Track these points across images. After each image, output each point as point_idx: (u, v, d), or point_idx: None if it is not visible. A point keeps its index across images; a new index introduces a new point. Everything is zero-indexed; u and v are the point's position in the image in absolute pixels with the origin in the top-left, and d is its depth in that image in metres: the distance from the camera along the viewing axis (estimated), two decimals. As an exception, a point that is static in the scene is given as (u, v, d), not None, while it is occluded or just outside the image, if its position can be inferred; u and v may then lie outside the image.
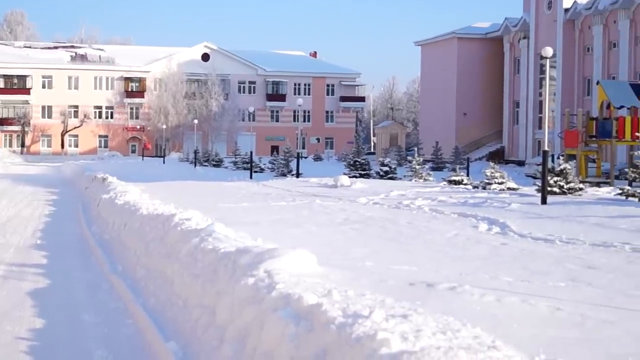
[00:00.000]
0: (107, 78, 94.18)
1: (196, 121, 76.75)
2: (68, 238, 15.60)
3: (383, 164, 35.23)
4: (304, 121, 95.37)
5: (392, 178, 33.28)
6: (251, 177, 37.61)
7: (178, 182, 29.34)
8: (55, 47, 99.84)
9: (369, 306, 5.01)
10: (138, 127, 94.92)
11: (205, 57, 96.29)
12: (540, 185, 18.81)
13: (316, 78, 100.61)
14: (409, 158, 36.51)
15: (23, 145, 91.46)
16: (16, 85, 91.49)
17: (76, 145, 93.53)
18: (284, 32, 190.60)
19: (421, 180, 30.64)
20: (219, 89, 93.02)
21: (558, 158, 27.29)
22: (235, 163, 54.39)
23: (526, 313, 6.21)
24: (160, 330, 7.22)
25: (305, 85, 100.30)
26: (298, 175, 36.45)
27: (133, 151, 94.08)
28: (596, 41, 62.52)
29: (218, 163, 60.40)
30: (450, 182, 26.43)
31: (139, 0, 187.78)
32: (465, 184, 25.82)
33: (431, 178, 31.72)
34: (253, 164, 43.42)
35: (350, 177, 28.47)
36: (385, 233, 12.63)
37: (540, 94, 66.35)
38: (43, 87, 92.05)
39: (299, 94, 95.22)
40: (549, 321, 5.94)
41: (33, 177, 41.12)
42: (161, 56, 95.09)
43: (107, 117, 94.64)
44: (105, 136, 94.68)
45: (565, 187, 20.54)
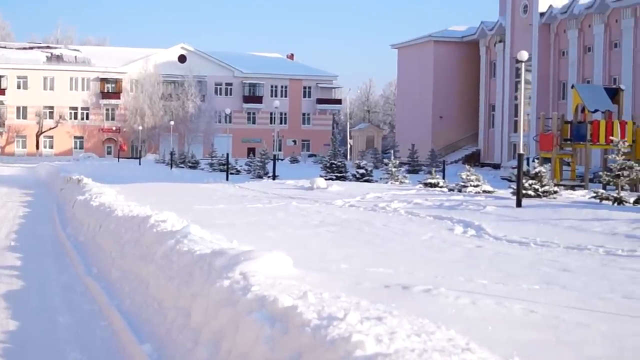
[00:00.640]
0: (83, 79, 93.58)
1: (172, 123, 76.48)
2: (43, 240, 15.48)
3: (359, 167, 35.27)
4: (281, 123, 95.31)
5: (368, 180, 33.31)
6: (227, 179, 37.50)
7: (154, 184, 29.20)
8: (30, 48, 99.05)
9: (344, 308, 5.01)
10: (114, 129, 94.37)
11: (181, 59, 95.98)
12: (515, 188, 18.91)
13: (293, 80, 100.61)
14: (385, 161, 36.59)
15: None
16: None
17: (51, 146, 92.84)
18: (261, 34, 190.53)
19: (397, 182, 30.69)
20: (196, 91, 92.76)
21: (533, 161, 27.50)
22: (211, 165, 54.25)
23: (501, 315, 6.24)
24: (135, 332, 7.19)
25: (282, 87, 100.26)
26: (274, 177, 36.41)
27: (109, 152, 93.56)
28: (571, 45, 63.02)
29: (194, 165, 60.20)
30: (426, 185, 26.50)
31: (116, 0, 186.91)
32: (441, 187, 25.89)
33: (407, 181, 31.78)
34: (229, 166, 43.31)
35: (326, 180, 28.49)
36: (361, 235, 12.65)
37: (515, 98, 66.75)
38: (18, 88, 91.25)
39: (276, 96, 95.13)
40: (523, 323, 5.97)
41: (7, 178, 40.76)
42: (138, 57, 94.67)
43: (83, 118, 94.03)
44: (80, 137, 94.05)
45: (540, 190, 20.66)
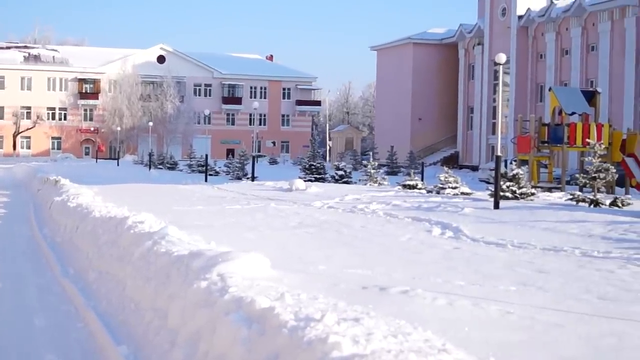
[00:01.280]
0: (61, 79, 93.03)
1: (151, 123, 76.21)
2: (19, 241, 15.37)
3: (338, 168, 35.30)
4: (260, 124, 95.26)
5: (347, 182, 33.35)
6: (206, 180, 37.40)
7: (132, 185, 29.07)
8: (7, 47, 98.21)
9: (321, 310, 5.02)
10: (92, 129, 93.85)
11: (160, 59, 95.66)
12: (493, 190, 19.01)
13: (272, 81, 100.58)
14: (364, 162, 36.65)
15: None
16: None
17: (28, 146, 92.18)
18: (241, 35, 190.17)
19: (376, 184, 30.75)
20: (175, 92, 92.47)
21: (511, 163, 27.63)
22: (190, 166, 54.08)
23: (477, 316, 6.27)
24: (111, 333, 7.16)
25: (261, 88, 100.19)
26: (253, 178, 36.36)
27: (87, 153, 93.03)
28: (549, 48, 63.45)
29: (173, 166, 59.97)
30: (404, 187, 26.58)
31: (95, 1, 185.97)
32: (419, 189, 25.99)
33: (386, 182, 31.85)
34: (208, 167, 43.21)
35: (305, 181, 28.49)
36: (339, 237, 12.67)
37: (494, 100, 67.12)
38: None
39: (255, 97, 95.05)
40: (500, 324, 6.00)
41: (-17, 179, 40.39)
42: (116, 58, 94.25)
43: (61, 119, 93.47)
44: (58, 138, 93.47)
45: (517, 192, 20.78)
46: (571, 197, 19.59)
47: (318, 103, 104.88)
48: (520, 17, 65.12)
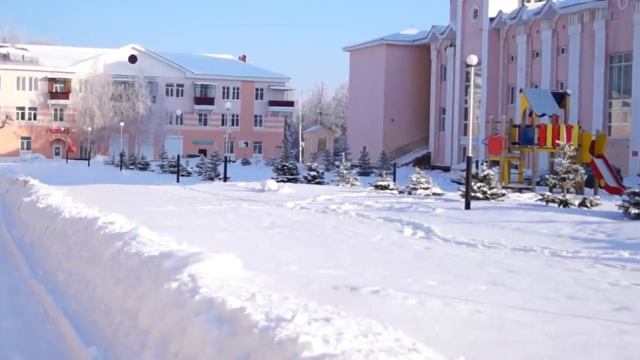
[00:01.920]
0: (31, 78, 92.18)
1: (122, 124, 75.72)
2: (-13, 242, 15.20)
3: (311, 169, 35.30)
4: (233, 125, 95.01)
5: (320, 183, 33.36)
6: (178, 181, 37.25)
7: (103, 186, 28.86)
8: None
9: (292, 310, 5.02)
10: (62, 129, 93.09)
11: (132, 59, 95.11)
12: (464, 190, 19.11)
13: (245, 82, 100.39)
14: (337, 163, 36.69)
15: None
16: None
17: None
18: (213, 35, 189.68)
19: (348, 185, 30.79)
20: (146, 92, 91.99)
21: (482, 164, 27.78)
22: (162, 166, 53.83)
23: (447, 316, 6.30)
24: (80, 335, 7.11)
25: (234, 89, 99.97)
26: (225, 179, 36.27)
27: (57, 153, 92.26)
28: (520, 50, 63.94)
29: (144, 166, 59.66)
30: (376, 187, 26.65)
31: (65, 0, 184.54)
32: (391, 189, 26.06)
33: (358, 183, 31.89)
34: (180, 168, 43.03)
35: (277, 182, 28.47)
36: (311, 237, 12.67)
37: (465, 101, 67.50)
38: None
39: (228, 98, 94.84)
40: (470, 324, 6.04)
41: (-49, 179, 39.88)
42: (87, 57, 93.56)
43: (30, 119, 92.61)
44: (28, 138, 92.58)
45: (488, 193, 20.90)
46: (541, 198, 19.74)
47: (291, 104, 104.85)
48: (491, 19, 65.56)
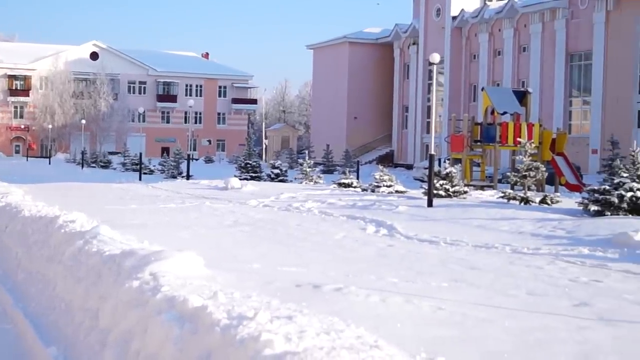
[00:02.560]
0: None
1: (84, 121, 75.07)
2: (-55, 241, 14.96)
3: (274, 167, 35.28)
4: (196, 123, 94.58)
5: (283, 181, 33.36)
6: (140, 179, 37.01)
7: (64, 184, 28.57)
8: None
9: (255, 308, 5.01)
10: (22, 127, 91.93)
11: (93, 56, 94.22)
12: (426, 188, 19.23)
13: (208, 79, 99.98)
14: (300, 161, 36.69)
15: None
16: None
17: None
18: (176, 32, 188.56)
19: (312, 183, 30.82)
20: (108, 89, 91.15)
21: (444, 162, 27.97)
22: (124, 164, 53.45)
23: (409, 313, 6.34)
24: (40, 335, 7.02)
25: (197, 86, 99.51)
26: (188, 177, 36.10)
27: (17, 151, 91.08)
28: (482, 49, 64.43)
29: (106, 164, 59.18)
30: (340, 185, 26.70)
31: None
32: (354, 187, 26.13)
33: (321, 181, 31.95)
34: (142, 166, 42.74)
35: (241, 180, 28.40)
36: (274, 235, 12.67)
37: (428, 99, 67.86)
38: None
39: (191, 95, 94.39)
40: (431, 320, 6.08)
41: None
42: (47, 54, 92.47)
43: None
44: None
45: (450, 190, 21.06)
46: (502, 195, 19.94)
47: (254, 101, 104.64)
48: (454, 18, 65.98)
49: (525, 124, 34.52)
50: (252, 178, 34.44)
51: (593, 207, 15.47)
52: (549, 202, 18.89)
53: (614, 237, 11.63)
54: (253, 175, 35.74)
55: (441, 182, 21.01)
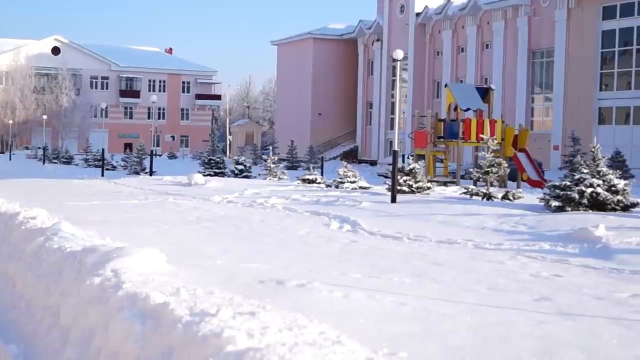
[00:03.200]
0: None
1: (45, 117, 74.22)
2: None
3: (238, 163, 35.19)
4: (159, 118, 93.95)
5: (247, 177, 33.31)
6: (103, 175, 36.70)
7: (25, 180, 28.25)
8: None
9: (217, 304, 5.00)
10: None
11: (55, 51, 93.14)
12: (390, 184, 19.30)
13: (171, 75, 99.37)
14: (264, 157, 36.66)
15: None
16: None
17: None
18: (139, 27, 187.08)
19: (276, 178, 30.81)
20: (70, 84, 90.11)
21: (408, 158, 28.09)
22: (86, 160, 52.98)
23: (372, 308, 6.36)
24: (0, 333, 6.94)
25: (160, 82, 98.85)
26: (151, 173, 35.88)
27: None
28: (445, 45, 64.80)
29: (68, 160, 58.60)
30: (304, 181, 26.72)
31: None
32: (318, 183, 26.17)
33: (286, 177, 31.94)
34: (105, 162, 42.39)
35: (204, 176, 28.29)
36: (237, 231, 12.63)
37: (392, 96, 68.09)
38: None
39: (154, 91, 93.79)
40: (394, 316, 6.11)
41: None
42: (8, 48, 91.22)
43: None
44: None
45: (414, 186, 21.16)
46: (465, 191, 20.07)
47: (218, 97, 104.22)
48: (418, 15, 66.24)
49: (487, 121, 34.77)
50: (216, 174, 34.34)
51: (554, 203, 15.64)
52: (511, 198, 19.06)
53: (575, 233, 11.77)
54: (217, 171, 35.63)
55: (405, 178, 21.11)
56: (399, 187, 19.74)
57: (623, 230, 11.90)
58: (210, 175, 32.52)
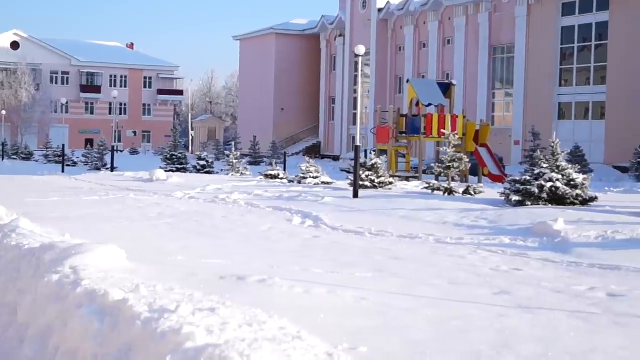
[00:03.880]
0: None
1: (4, 112, 73.18)
2: None
3: (200, 158, 35.03)
4: (120, 114, 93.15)
5: (210, 172, 33.15)
6: (63, 171, 36.32)
7: (-17, 176, 27.86)
8: None
9: (177, 301, 4.98)
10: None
11: (14, 45, 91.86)
12: (352, 179, 19.35)
13: (133, 70, 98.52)
14: (227, 152, 36.52)
15: None
16: None
17: None
18: (100, 22, 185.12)
19: (238, 174, 30.72)
20: (30, 79, 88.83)
21: (370, 153, 28.19)
22: (46, 156, 52.41)
23: (333, 303, 6.37)
24: (-44, 331, 6.84)
25: (121, 77, 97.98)
26: (113, 169, 35.58)
27: None
28: (407, 41, 65.05)
29: (28, 156, 57.93)
30: (266, 177, 26.69)
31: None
32: (281, 179, 26.16)
33: (248, 172, 31.89)
34: (65, 158, 41.95)
35: (166, 171, 28.13)
36: (199, 227, 12.59)
37: (355, 91, 68.20)
38: None
39: (115, 86, 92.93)
40: (354, 311, 6.12)
41: None
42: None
43: None
44: None
45: (376, 181, 21.24)
46: (427, 186, 20.20)
47: (180, 92, 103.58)
48: (380, 10, 66.40)
49: (449, 116, 35.02)
50: (178, 170, 34.16)
51: (514, 198, 15.80)
52: (472, 193, 19.22)
53: (534, 227, 11.90)
54: (179, 167, 35.45)
55: (367, 173, 21.18)
56: (361, 182, 19.80)
57: (581, 224, 12.06)
58: (172, 171, 32.35)
